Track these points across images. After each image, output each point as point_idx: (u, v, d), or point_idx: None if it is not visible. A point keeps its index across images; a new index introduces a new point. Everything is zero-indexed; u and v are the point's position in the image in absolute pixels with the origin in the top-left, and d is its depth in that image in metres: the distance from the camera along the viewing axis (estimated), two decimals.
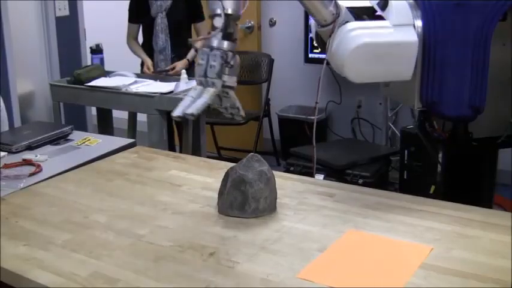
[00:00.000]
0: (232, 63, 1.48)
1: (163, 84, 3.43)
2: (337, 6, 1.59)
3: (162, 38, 3.73)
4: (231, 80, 1.50)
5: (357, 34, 1.57)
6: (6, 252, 1.35)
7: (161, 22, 3.71)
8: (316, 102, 1.74)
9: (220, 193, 1.57)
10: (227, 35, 1.48)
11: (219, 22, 1.47)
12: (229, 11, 1.46)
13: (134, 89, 3.38)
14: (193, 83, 3.65)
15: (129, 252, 1.35)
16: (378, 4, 1.66)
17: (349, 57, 1.57)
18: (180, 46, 3.80)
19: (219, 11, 1.47)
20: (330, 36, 1.61)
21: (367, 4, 1.69)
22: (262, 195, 1.52)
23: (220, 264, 1.28)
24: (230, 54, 1.48)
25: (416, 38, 1.60)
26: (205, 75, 1.48)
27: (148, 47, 3.81)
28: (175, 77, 3.59)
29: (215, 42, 1.48)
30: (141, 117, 3.66)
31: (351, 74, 1.61)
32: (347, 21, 1.60)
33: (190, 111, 1.46)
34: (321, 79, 1.66)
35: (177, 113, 1.48)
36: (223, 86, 1.49)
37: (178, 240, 1.40)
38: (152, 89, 3.36)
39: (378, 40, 1.57)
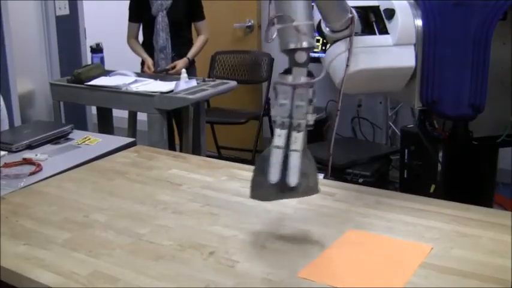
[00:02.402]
0: (314, 100, 1.35)
1: (163, 84, 3.44)
2: (352, 14, 1.57)
3: (162, 37, 3.73)
4: (312, 119, 1.36)
5: (355, 57, 1.57)
6: (7, 252, 1.35)
7: (162, 21, 3.71)
8: (338, 110, 1.68)
9: (258, 181, 1.36)
10: (309, 71, 1.34)
11: (301, 57, 1.32)
12: (309, 45, 1.33)
13: (134, 88, 3.38)
14: (194, 82, 3.67)
15: (129, 251, 1.35)
16: (384, 12, 1.66)
17: (341, 82, 1.61)
18: (180, 45, 3.81)
19: (293, 46, 1.32)
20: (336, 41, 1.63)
21: (375, 3, 1.69)
22: (311, 170, 1.37)
23: (220, 263, 1.28)
24: (312, 90, 1.35)
25: (413, 62, 1.62)
26: (290, 116, 1.34)
27: (148, 46, 3.81)
28: (175, 76, 3.59)
29: (301, 79, 1.33)
30: (141, 117, 3.65)
31: (343, 89, 1.65)
32: (355, 32, 1.61)
33: (293, 180, 1.31)
34: (341, 93, 1.61)
35: (275, 178, 1.31)
36: (307, 126, 1.35)
37: (179, 239, 1.40)
38: (152, 88, 3.36)
39: (374, 66, 1.60)
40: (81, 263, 1.30)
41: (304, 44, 1.32)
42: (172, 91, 3.31)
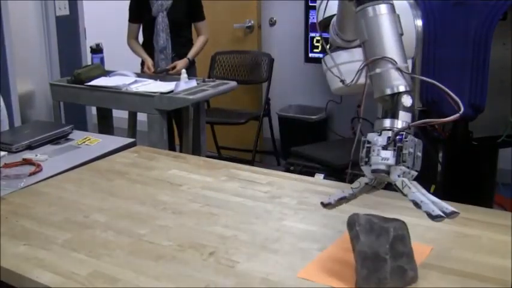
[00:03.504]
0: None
1: (163, 84, 3.44)
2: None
3: (163, 37, 3.74)
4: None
5: (348, 71, 1.53)
6: (7, 252, 1.35)
7: (162, 21, 3.71)
8: (359, 116, 1.68)
9: (378, 265, 1.17)
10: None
11: (409, 100, 1.26)
12: (411, 87, 1.29)
13: (134, 88, 3.38)
14: (193, 82, 3.68)
15: (129, 251, 1.35)
16: None
17: (338, 89, 1.66)
18: (180, 45, 3.81)
19: (402, 89, 1.27)
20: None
21: None
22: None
23: (220, 263, 1.28)
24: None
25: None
26: (413, 167, 1.27)
27: (148, 47, 3.81)
28: (175, 76, 3.60)
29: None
30: (141, 117, 3.66)
31: (336, 93, 1.72)
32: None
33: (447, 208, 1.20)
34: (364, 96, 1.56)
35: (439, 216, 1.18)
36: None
37: (178, 239, 1.40)
38: (152, 88, 3.36)
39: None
40: (81, 263, 1.29)
41: (409, 87, 1.27)
42: (172, 91, 3.31)
